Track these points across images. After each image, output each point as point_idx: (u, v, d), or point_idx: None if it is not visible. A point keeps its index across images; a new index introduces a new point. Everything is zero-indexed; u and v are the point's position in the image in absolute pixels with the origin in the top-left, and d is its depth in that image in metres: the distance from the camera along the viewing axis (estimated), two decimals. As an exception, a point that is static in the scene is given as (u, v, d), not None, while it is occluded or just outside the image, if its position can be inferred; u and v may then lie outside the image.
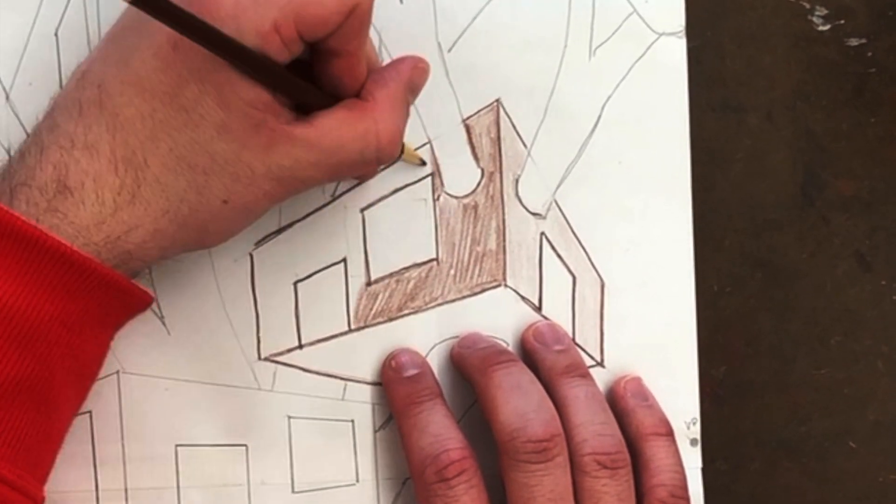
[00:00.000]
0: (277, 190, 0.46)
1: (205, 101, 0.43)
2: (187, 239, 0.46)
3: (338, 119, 0.46)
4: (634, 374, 0.54)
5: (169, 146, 0.44)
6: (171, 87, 0.43)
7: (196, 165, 0.44)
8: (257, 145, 0.44)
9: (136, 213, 0.44)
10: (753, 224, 0.56)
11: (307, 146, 0.45)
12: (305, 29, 0.43)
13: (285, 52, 0.44)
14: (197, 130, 0.44)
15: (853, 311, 0.57)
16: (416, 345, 0.53)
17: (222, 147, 0.44)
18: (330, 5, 0.43)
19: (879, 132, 0.57)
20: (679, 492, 0.50)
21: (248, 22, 0.42)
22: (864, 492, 0.57)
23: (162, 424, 0.52)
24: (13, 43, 0.51)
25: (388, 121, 0.47)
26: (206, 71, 0.43)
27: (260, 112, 0.44)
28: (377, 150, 0.47)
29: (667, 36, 0.54)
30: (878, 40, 0.57)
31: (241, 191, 0.45)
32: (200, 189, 0.44)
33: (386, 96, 0.47)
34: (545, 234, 0.54)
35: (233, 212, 0.46)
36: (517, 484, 0.48)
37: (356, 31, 0.45)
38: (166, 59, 0.43)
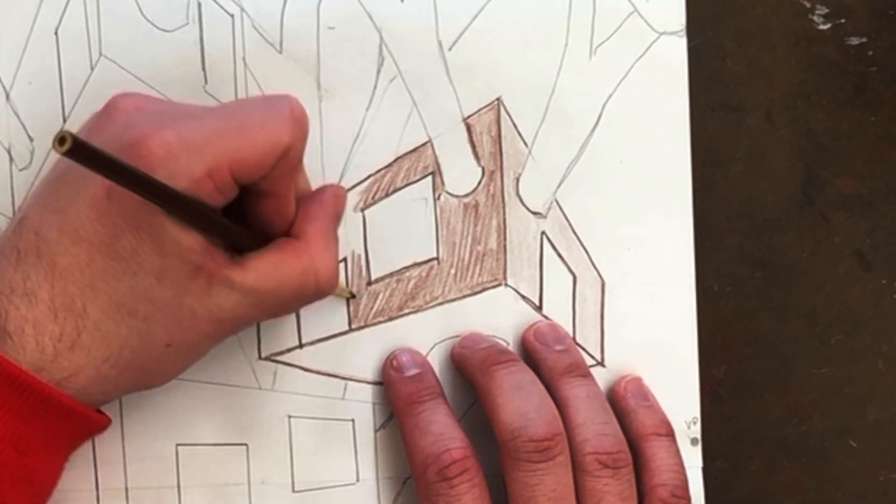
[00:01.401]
0: (218, 331, 0.46)
1: (141, 249, 0.43)
2: (130, 382, 0.46)
3: (274, 261, 0.46)
4: (635, 374, 0.54)
5: (108, 294, 0.43)
6: (107, 236, 0.43)
7: (136, 312, 0.44)
8: (197, 289, 0.44)
9: (77, 360, 0.44)
10: (753, 223, 0.56)
11: (246, 291, 0.45)
12: (239, 173, 0.43)
13: (219, 196, 0.44)
14: (135, 278, 0.43)
15: (853, 310, 0.57)
16: (416, 344, 0.53)
17: (162, 293, 0.44)
18: (263, 150, 0.44)
19: (880, 131, 0.57)
20: (680, 491, 0.50)
21: (181, 168, 0.42)
22: (864, 490, 0.57)
23: (162, 424, 0.52)
24: (13, 42, 0.51)
25: (325, 257, 0.47)
26: (140, 219, 0.43)
27: (197, 257, 0.44)
28: (316, 287, 0.47)
29: (667, 35, 0.54)
30: (879, 39, 0.57)
31: (183, 334, 0.45)
32: (142, 335, 0.44)
33: (317, 232, 0.47)
34: (546, 233, 0.54)
35: (176, 354, 0.46)
36: (519, 483, 0.48)
37: (286, 174, 0.45)
38: (101, 208, 0.43)
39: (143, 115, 0.45)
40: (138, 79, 0.51)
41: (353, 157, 0.53)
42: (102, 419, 0.47)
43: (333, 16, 0.52)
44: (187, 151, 0.42)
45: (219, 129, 0.44)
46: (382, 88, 0.53)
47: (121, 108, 0.45)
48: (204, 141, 0.43)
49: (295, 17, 0.52)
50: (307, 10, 0.52)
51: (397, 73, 0.53)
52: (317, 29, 0.52)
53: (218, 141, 0.43)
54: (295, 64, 0.52)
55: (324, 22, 0.52)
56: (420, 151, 0.53)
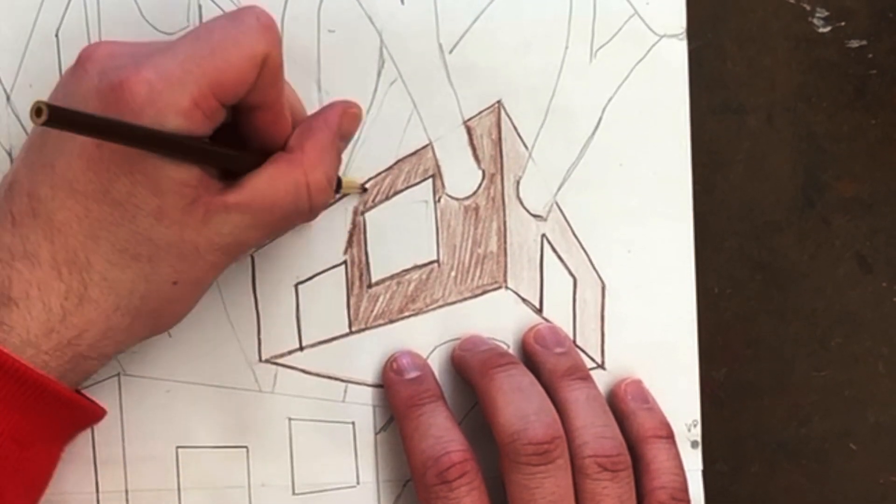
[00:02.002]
0: (222, 259, 0.46)
1: (137, 191, 0.43)
2: (142, 328, 0.46)
3: (267, 177, 0.46)
4: (635, 377, 0.54)
5: (110, 242, 0.44)
6: (101, 184, 0.43)
7: (140, 255, 0.44)
8: (195, 222, 0.44)
9: (87, 315, 0.44)
10: (754, 226, 0.56)
11: (242, 210, 0.45)
12: (223, 95, 0.43)
13: (208, 123, 0.44)
14: (135, 221, 0.43)
15: (854, 312, 0.57)
16: (416, 347, 0.53)
17: (162, 232, 0.44)
18: (241, 66, 0.43)
19: (880, 134, 0.57)
20: (680, 494, 0.50)
21: (167, 104, 0.42)
22: (864, 493, 0.57)
23: (163, 426, 0.52)
24: (14, 44, 0.51)
25: (317, 170, 0.47)
26: (132, 162, 0.43)
27: (192, 189, 0.44)
28: (309, 200, 0.47)
29: (668, 38, 0.54)
30: (879, 42, 0.56)
31: (188, 269, 0.45)
32: (148, 277, 0.44)
33: (313, 146, 0.47)
34: (546, 235, 0.54)
35: (183, 290, 0.46)
36: (518, 486, 0.48)
37: (271, 83, 0.45)
38: (91, 157, 0.43)
39: (117, 59, 0.44)
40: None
41: (354, 160, 0.53)
42: (98, 409, 0.47)
43: (334, 18, 0.52)
44: (169, 85, 0.42)
45: (194, 56, 0.43)
46: (383, 91, 0.53)
47: (93, 57, 0.45)
48: (183, 71, 0.43)
49: (295, 19, 0.52)
50: (307, 12, 0.52)
51: (398, 75, 0.53)
52: (317, 32, 0.52)
53: (196, 68, 0.43)
54: (295, 66, 0.52)
55: (324, 25, 0.52)
56: (420, 154, 0.53)
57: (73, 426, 0.47)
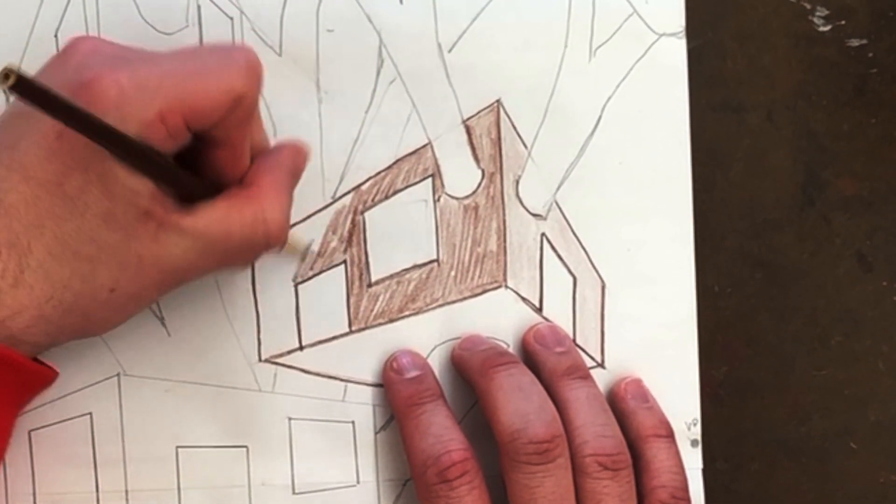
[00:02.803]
0: (166, 280, 0.46)
1: (89, 190, 0.43)
2: (72, 326, 0.45)
3: (224, 208, 0.46)
4: (635, 376, 0.54)
5: (54, 233, 0.43)
6: (55, 175, 0.43)
7: (80, 253, 0.44)
8: (144, 235, 0.44)
9: (19, 298, 0.43)
10: (754, 224, 0.56)
11: (195, 237, 0.45)
12: (191, 119, 0.43)
13: (170, 141, 0.43)
14: (82, 219, 0.43)
15: (854, 311, 0.57)
16: (416, 346, 0.53)
17: (108, 236, 0.43)
18: (216, 97, 0.43)
19: (880, 132, 0.57)
20: (680, 493, 0.50)
21: (133, 111, 0.42)
22: (864, 492, 0.57)
23: (162, 426, 0.52)
24: (13, 44, 0.51)
25: (275, 207, 0.47)
26: (90, 160, 0.42)
27: (145, 202, 0.43)
28: (265, 237, 0.47)
29: (667, 36, 0.54)
30: (879, 41, 0.56)
31: (128, 280, 0.45)
32: (86, 277, 0.44)
33: (270, 183, 0.47)
34: (546, 234, 0.54)
35: (119, 300, 0.45)
36: (518, 485, 0.48)
37: (241, 122, 0.45)
38: (51, 147, 0.43)
39: (98, 56, 0.44)
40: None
41: (353, 159, 0.53)
42: (48, 372, 0.47)
43: (333, 18, 0.52)
44: (140, 93, 0.42)
45: (173, 72, 0.43)
46: (382, 90, 0.53)
47: (77, 50, 0.45)
48: (157, 83, 0.43)
49: (294, 19, 0.52)
50: (306, 12, 0.52)
51: (397, 74, 0.53)
52: (316, 31, 0.52)
53: (171, 84, 0.43)
54: (294, 66, 0.52)
55: (323, 24, 0.52)
56: (420, 153, 0.53)
57: (24, 390, 0.46)
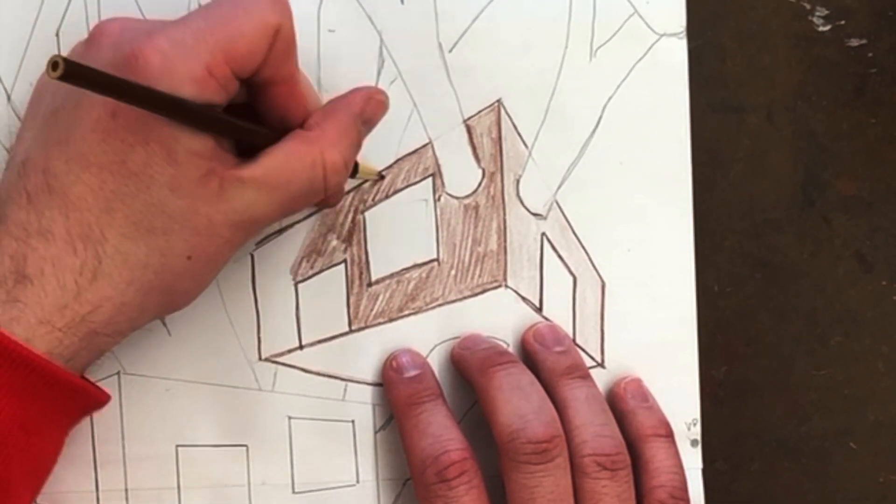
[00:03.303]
0: (237, 235, 0.46)
1: (152, 161, 0.43)
2: (156, 305, 0.46)
3: (283, 154, 0.46)
4: (634, 375, 0.54)
5: (124, 214, 0.43)
6: (116, 155, 0.43)
7: (154, 228, 0.44)
8: (210, 195, 0.44)
9: (100, 291, 0.44)
10: (753, 224, 0.57)
11: (257, 186, 0.45)
12: (237, 65, 0.44)
13: (223, 93, 0.44)
14: (150, 192, 0.43)
15: (853, 311, 0.57)
16: (416, 345, 0.53)
17: (177, 204, 0.44)
18: (253, 35, 0.44)
19: (880, 132, 0.57)
20: (679, 493, 0.50)
21: (182, 72, 0.42)
22: (863, 492, 0.57)
23: (162, 425, 0.52)
24: (14, 43, 0.51)
25: (334, 150, 0.47)
26: (148, 132, 0.43)
27: (207, 161, 0.44)
28: (324, 180, 0.47)
29: (668, 37, 0.54)
30: (879, 41, 0.57)
31: (202, 243, 0.45)
32: (163, 250, 0.44)
33: (332, 125, 0.47)
34: (546, 234, 0.54)
35: (197, 267, 0.45)
36: (517, 485, 0.48)
37: (285, 55, 0.45)
38: (107, 129, 0.43)
39: (130, 32, 0.44)
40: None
41: (354, 159, 0.53)
42: (102, 394, 0.47)
43: (334, 18, 0.52)
44: (182, 53, 0.42)
45: (206, 26, 0.43)
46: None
47: (106, 31, 0.45)
48: (195, 40, 0.43)
49: (295, 19, 0.51)
50: (307, 12, 0.52)
51: (397, 74, 0.53)
52: (317, 31, 0.52)
53: (209, 37, 0.43)
54: (295, 66, 0.52)
55: (324, 24, 0.52)
56: (420, 153, 0.53)
57: (78, 412, 0.47)
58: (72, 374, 0.44)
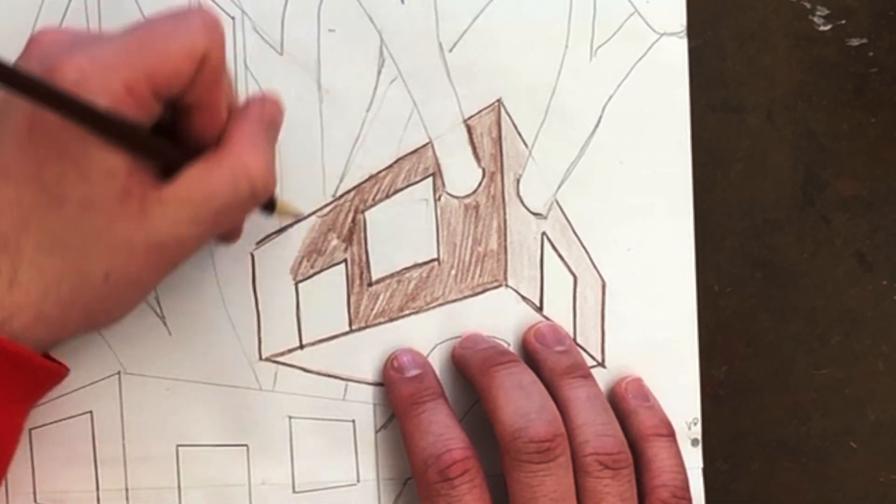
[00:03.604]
0: (161, 258, 0.45)
1: (66, 177, 0.42)
2: (74, 320, 0.45)
3: (201, 168, 0.45)
4: (635, 375, 0.54)
5: (40, 228, 0.43)
6: (31, 169, 0.43)
7: (68, 244, 0.43)
8: (128, 216, 0.43)
9: (16, 299, 0.43)
10: (754, 224, 0.57)
11: (179, 204, 0.44)
12: (157, 86, 0.43)
13: (142, 113, 0.43)
14: (64, 208, 0.43)
15: (853, 311, 0.57)
16: (417, 345, 0.53)
17: (92, 222, 0.43)
18: (177, 60, 0.43)
19: (880, 132, 0.57)
20: (680, 492, 0.50)
21: (96, 87, 0.42)
22: (864, 492, 0.57)
23: (163, 424, 0.52)
24: (14, 43, 0.50)
25: (252, 154, 0.46)
26: (63, 147, 0.42)
27: (122, 180, 0.43)
28: (250, 185, 0.45)
29: (668, 36, 0.54)
30: (880, 40, 0.57)
31: (121, 264, 0.44)
32: (78, 267, 0.44)
33: (242, 132, 0.46)
34: (546, 234, 0.54)
35: (116, 288, 0.45)
36: (519, 484, 0.48)
37: (211, 84, 0.44)
38: (23, 142, 0.43)
39: (57, 45, 0.44)
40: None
41: (354, 158, 0.53)
42: (59, 368, 0.46)
43: (334, 18, 0.52)
44: (101, 70, 0.42)
45: (130, 45, 0.43)
46: (383, 90, 0.53)
47: (39, 42, 0.45)
48: (116, 58, 0.42)
49: (295, 19, 0.52)
50: (308, 12, 0.52)
51: (398, 74, 0.53)
52: (317, 31, 0.52)
53: (131, 56, 0.42)
54: (295, 66, 0.52)
55: (324, 24, 0.52)
56: (420, 152, 0.53)
57: (34, 386, 0.46)
58: (19, 347, 0.43)
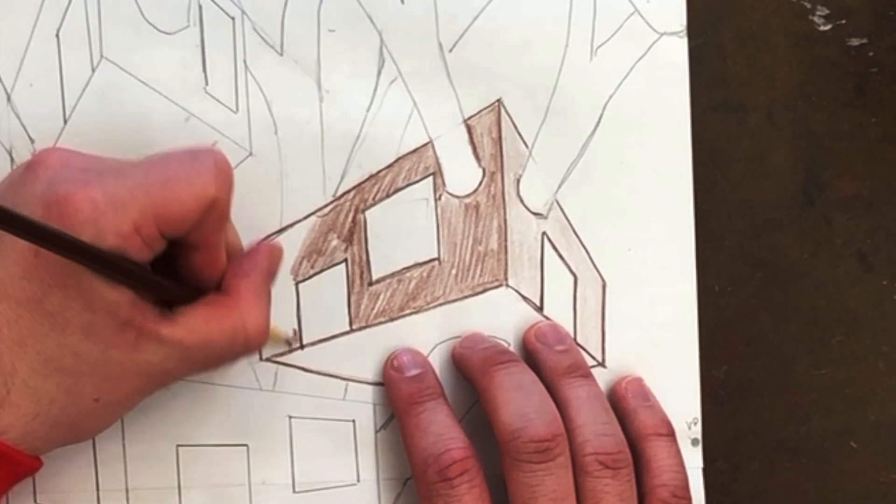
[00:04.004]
0: (148, 385, 0.46)
1: (69, 305, 0.43)
2: (59, 437, 0.46)
3: (203, 316, 0.46)
4: (635, 375, 0.54)
5: (36, 350, 0.43)
6: (34, 293, 0.43)
7: (64, 368, 0.44)
8: (125, 344, 0.44)
9: (5, 418, 0.43)
10: (754, 224, 0.57)
11: (174, 346, 0.45)
12: (165, 227, 0.44)
13: (147, 251, 0.44)
14: (63, 334, 0.43)
15: (854, 311, 0.57)
16: (417, 344, 0.53)
17: (90, 348, 0.44)
18: (189, 203, 0.44)
19: (880, 132, 0.57)
20: (680, 492, 0.50)
21: (108, 225, 0.42)
22: (864, 492, 0.57)
23: (163, 424, 0.52)
24: (14, 43, 0.51)
25: (254, 313, 0.47)
26: (68, 276, 0.43)
27: (125, 312, 0.43)
28: (245, 343, 0.47)
29: (668, 36, 0.54)
30: (880, 40, 0.57)
31: (112, 388, 0.45)
32: (70, 391, 0.44)
33: (248, 288, 0.48)
34: (546, 233, 0.54)
35: (104, 409, 0.45)
36: (519, 484, 0.48)
37: (214, 226, 0.45)
38: (28, 266, 0.43)
39: (68, 170, 0.44)
40: (139, 80, 0.51)
41: (354, 158, 0.53)
42: (34, 462, 0.46)
43: (334, 18, 0.52)
44: (113, 208, 0.42)
45: (144, 183, 0.43)
46: (383, 90, 0.53)
47: (46, 163, 0.45)
48: (129, 196, 0.43)
49: (295, 19, 0.52)
50: (308, 12, 0.52)
51: (398, 74, 0.53)
52: (317, 31, 0.52)
53: (143, 196, 0.43)
54: (296, 66, 0.52)
55: (324, 24, 0.52)
56: (421, 152, 0.53)
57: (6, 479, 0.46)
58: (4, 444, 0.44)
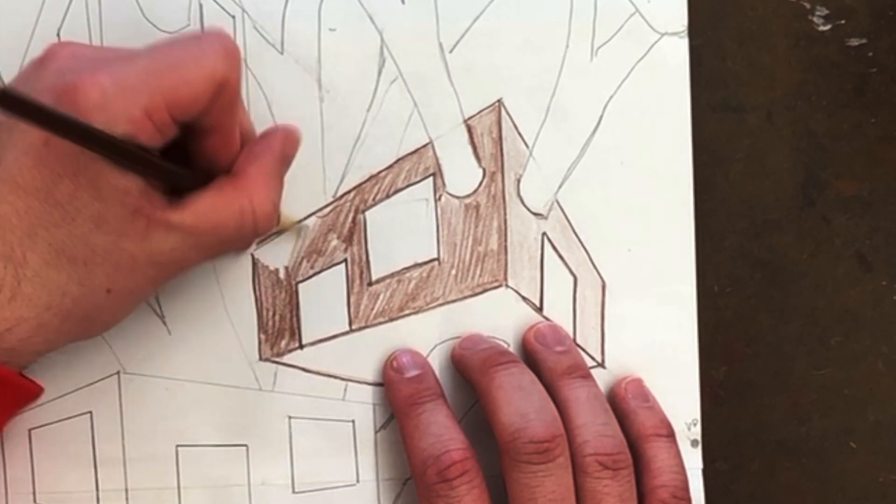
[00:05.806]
0: (159, 274, 0.46)
1: (79, 194, 0.43)
2: (72, 330, 0.46)
3: (212, 200, 0.46)
4: (635, 375, 0.54)
5: (47, 241, 0.43)
6: (44, 183, 0.43)
7: (76, 258, 0.44)
8: (135, 233, 0.44)
9: (18, 310, 0.43)
10: (754, 224, 0.57)
11: (184, 231, 0.45)
12: (177, 111, 0.43)
13: (158, 136, 0.44)
14: (73, 224, 0.43)
15: (853, 311, 0.57)
16: (417, 345, 0.53)
17: (101, 238, 0.44)
18: (198, 85, 0.44)
19: (880, 132, 0.57)
20: (680, 493, 0.50)
21: (118, 111, 0.42)
22: (864, 492, 0.57)
23: (162, 424, 0.52)
24: (16, 43, 0.51)
25: (263, 196, 0.47)
26: (78, 165, 0.43)
27: (135, 200, 0.44)
28: (254, 226, 0.47)
29: (669, 36, 0.54)
30: (879, 40, 0.57)
31: (123, 279, 0.45)
32: (82, 281, 0.44)
33: (258, 171, 0.48)
34: (546, 234, 0.54)
35: (116, 300, 0.45)
36: (519, 484, 0.48)
37: (227, 108, 0.45)
38: (38, 155, 0.43)
39: (78, 61, 0.44)
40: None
41: (354, 158, 0.53)
42: (33, 387, 0.47)
43: (334, 17, 0.52)
44: (123, 93, 0.42)
45: (152, 68, 0.43)
46: (383, 90, 0.53)
47: (56, 56, 0.45)
48: (138, 81, 0.43)
49: (296, 18, 0.52)
50: (308, 11, 0.52)
51: (398, 74, 0.53)
52: (318, 30, 0.52)
53: (152, 80, 0.43)
54: (296, 65, 0.52)
55: (325, 23, 0.52)
56: (421, 152, 0.53)
57: (9, 405, 0.46)
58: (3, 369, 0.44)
